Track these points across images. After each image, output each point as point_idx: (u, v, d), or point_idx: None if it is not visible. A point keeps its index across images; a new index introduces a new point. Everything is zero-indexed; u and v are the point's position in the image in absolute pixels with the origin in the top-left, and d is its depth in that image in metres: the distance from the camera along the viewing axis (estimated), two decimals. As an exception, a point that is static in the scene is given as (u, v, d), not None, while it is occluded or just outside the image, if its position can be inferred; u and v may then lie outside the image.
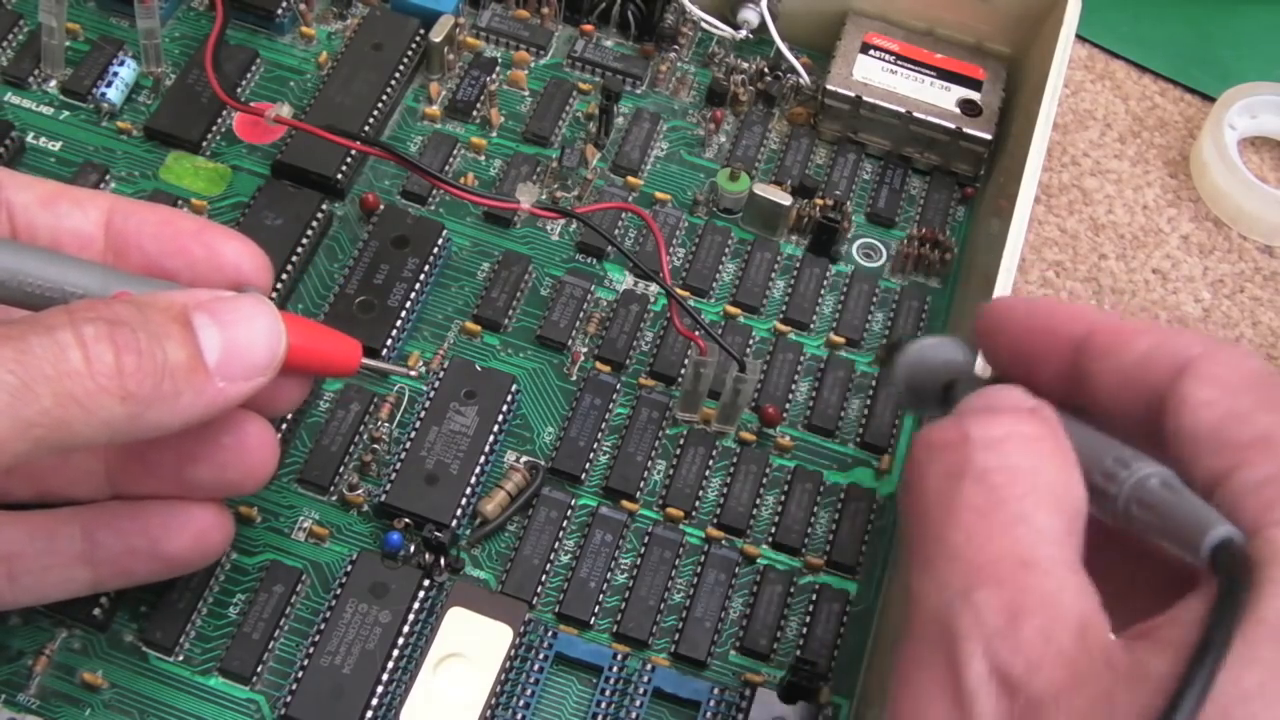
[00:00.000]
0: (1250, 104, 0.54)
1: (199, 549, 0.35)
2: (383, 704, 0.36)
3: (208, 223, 0.35)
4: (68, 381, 0.27)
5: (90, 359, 0.28)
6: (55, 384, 0.27)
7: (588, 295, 0.44)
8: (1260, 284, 0.51)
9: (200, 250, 0.34)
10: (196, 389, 0.30)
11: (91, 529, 0.34)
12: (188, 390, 0.30)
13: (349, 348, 0.35)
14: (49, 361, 0.27)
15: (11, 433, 0.27)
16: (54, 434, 0.27)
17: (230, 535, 0.35)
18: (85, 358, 0.28)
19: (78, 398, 0.28)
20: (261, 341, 0.31)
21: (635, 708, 0.36)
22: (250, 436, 0.34)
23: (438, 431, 0.39)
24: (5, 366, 0.27)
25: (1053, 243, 0.51)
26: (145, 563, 0.34)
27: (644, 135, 0.48)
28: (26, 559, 0.33)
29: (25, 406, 0.27)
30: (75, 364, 0.28)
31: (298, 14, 0.49)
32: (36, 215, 0.33)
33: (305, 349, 0.33)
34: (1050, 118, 0.44)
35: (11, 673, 0.36)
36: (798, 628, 0.38)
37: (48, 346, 0.27)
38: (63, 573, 0.34)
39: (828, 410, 0.42)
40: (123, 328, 0.29)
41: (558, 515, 0.39)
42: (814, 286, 0.45)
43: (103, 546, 0.34)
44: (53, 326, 0.28)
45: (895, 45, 0.49)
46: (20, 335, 0.27)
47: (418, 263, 0.43)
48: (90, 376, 0.28)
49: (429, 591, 0.37)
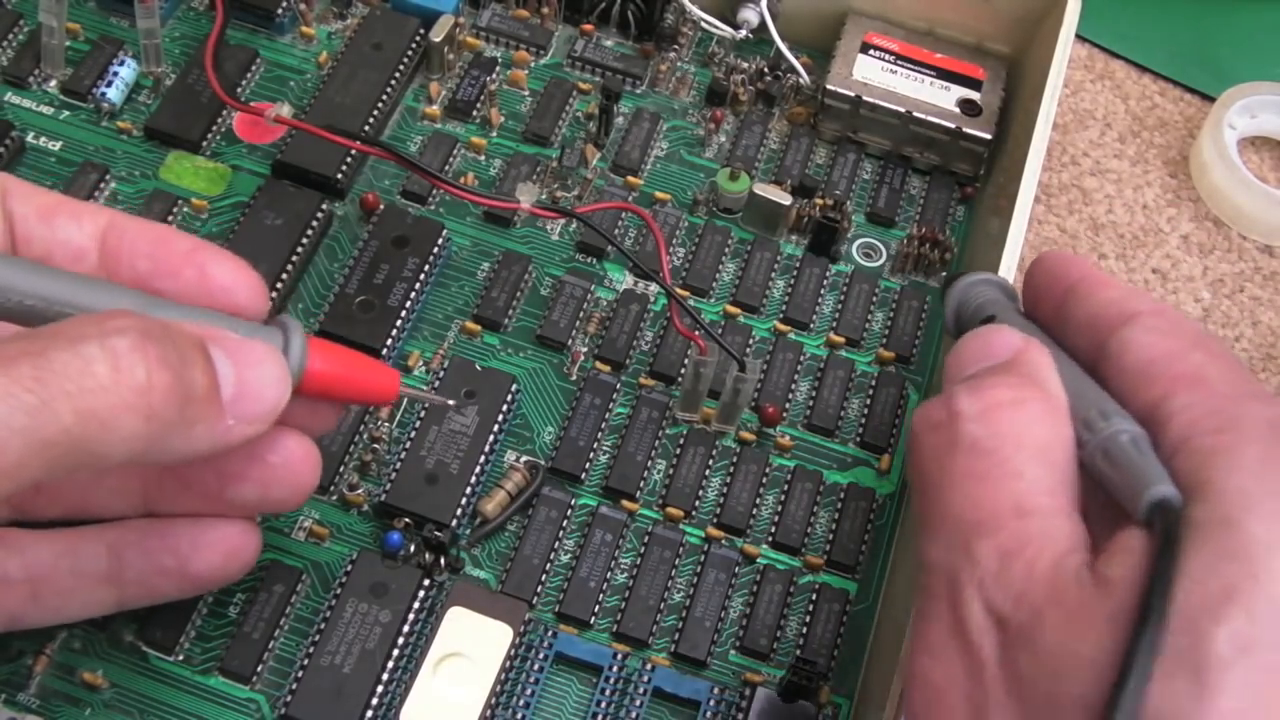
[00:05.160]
0: (1250, 104, 0.54)
1: (228, 567, 0.34)
2: (383, 704, 0.36)
3: (202, 244, 0.33)
4: (91, 398, 0.26)
5: (120, 371, 0.26)
6: (77, 400, 0.26)
7: (588, 295, 0.44)
8: (1260, 284, 0.51)
9: (192, 272, 0.32)
10: (211, 421, 0.29)
11: (118, 549, 0.33)
12: (204, 421, 0.29)
13: (387, 378, 0.34)
14: (71, 377, 0.26)
15: (27, 454, 0.25)
16: (71, 455, 0.26)
17: (259, 550, 0.35)
18: (114, 369, 0.26)
19: (100, 414, 0.26)
20: (270, 388, 0.30)
21: (635, 707, 0.36)
22: (295, 453, 0.33)
23: (438, 431, 0.39)
24: (23, 385, 0.25)
25: (1053, 242, 0.51)
26: (173, 582, 0.34)
27: (644, 135, 0.48)
28: (52, 580, 0.33)
29: (44, 427, 0.25)
30: (102, 378, 0.26)
31: (298, 14, 0.49)
32: (34, 228, 0.32)
33: (342, 378, 0.33)
34: (1050, 117, 0.44)
35: (11, 672, 0.36)
36: (798, 627, 0.38)
37: (71, 361, 0.26)
38: (88, 594, 0.33)
39: (828, 410, 0.42)
40: (158, 342, 0.27)
41: (558, 515, 0.39)
42: (814, 286, 0.45)
43: (130, 567, 0.33)
44: (78, 338, 0.26)
45: (895, 45, 0.49)
46: (40, 350, 0.26)
47: (418, 262, 0.43)
48: (117, 391, 0.26)
49: (429, 591, 0.37)
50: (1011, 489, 0.28)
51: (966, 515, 0.28)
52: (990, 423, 0.29)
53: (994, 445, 0.29)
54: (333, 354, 0.33)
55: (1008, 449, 0.29)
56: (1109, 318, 0.31)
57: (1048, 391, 0.30)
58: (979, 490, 0.29)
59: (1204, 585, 0.25)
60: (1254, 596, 0.24)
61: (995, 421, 0.29)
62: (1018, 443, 0.29)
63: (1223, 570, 0.25)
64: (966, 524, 0.28)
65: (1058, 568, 0.27)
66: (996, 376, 0.31)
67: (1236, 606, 0.24)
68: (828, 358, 0.43)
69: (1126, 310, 0.31)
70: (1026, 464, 0.29)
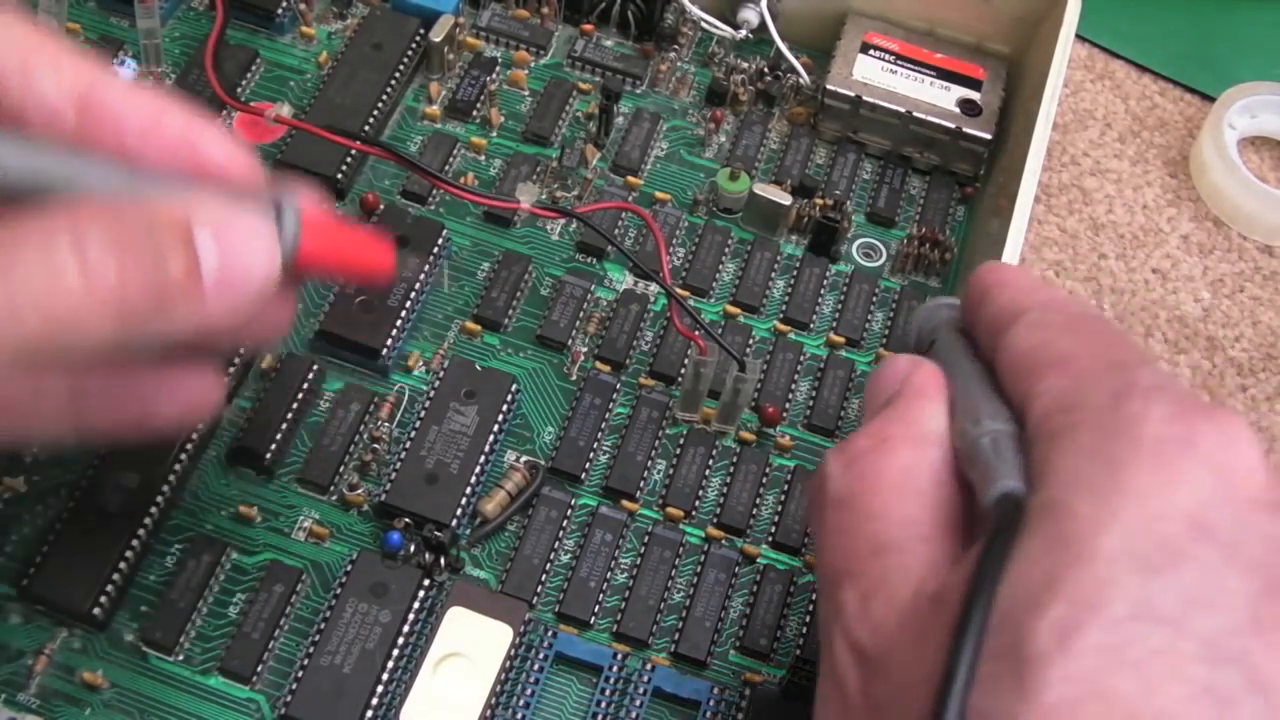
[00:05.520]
0: (1250, 104, 0.54)
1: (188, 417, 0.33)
2: (383, 704, 0.36)
3: (196, 121, 0.31)
4: (59, 301, 0.25)
5: (90, 274, 0.25)
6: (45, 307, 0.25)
7: (588, 295, 0.44)
8: (1260, 284, 0.51)
9: (186, 152, 0.30)
10: (191, 307, 0.28)
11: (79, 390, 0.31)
12: (181, 308, 0.27)
13: (382, 255, 0.33)
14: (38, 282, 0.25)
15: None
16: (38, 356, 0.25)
17: (220, 396, 0.34)
18: (84, 273, 0.25)
19: (68, 319, 0.25)
20: (257, 270, 0.29)
21: (635, 707, 0.36)
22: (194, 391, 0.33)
23: (438, 431, 0.39)
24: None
25: (1053, 242, 0.51)
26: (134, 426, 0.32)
27: (644, 135, 0.48)
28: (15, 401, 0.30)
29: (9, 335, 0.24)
30: (72, 282, 0.25)
31: (298, 14, 0.49)
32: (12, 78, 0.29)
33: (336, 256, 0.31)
34: (1050, 117, 0.44)
35: (11, 673, 0.36)
36: (797, 627, 0.38)
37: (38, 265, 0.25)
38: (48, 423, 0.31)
39: (828, 410, 0.42)
40: (129, 237, 0.26)
41: (558, 515, 0.39)
42: (814, 286, 0.45)
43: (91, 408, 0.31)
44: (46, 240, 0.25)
45: (895, 45, 0.49)
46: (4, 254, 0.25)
47: (418, 263, 0.43)
48: (87, 293, 0.25)
49: (429, 591, 0.37)
50: (868, 531, 0.28)
51: (834, 565, 0.29)
52: (851, 475, 0.29)
53: (851, 494, 0.29)
54: (328, 231, 0.31)
55: (865, 494, 0.29)
56: (1002, 319, 0.30)
57: (911, 420, 0.30)
58: (841, 541, 0.29)
59: (1027, 576, 0.24)
60: (1076, 580, 0.23)
61: (856, 473, 0.29)
62: (875, 485, 0.29)
63: (1045, 558, 0.24)
64: (834, 574, 0.28)
65: (916, 595, 0.26)
66: (865, 425, 0.31)
67: (1057, 594, 0.23)
68: (828, 358, 0.44)
69: (1016, 309, 0.30)
70: (883, 503, 0.28)
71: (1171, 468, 0.25)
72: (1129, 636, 0.23)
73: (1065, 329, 0.29)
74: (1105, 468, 0.25)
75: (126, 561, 0.36)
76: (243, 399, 0.41)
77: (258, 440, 0.39)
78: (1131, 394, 0.26)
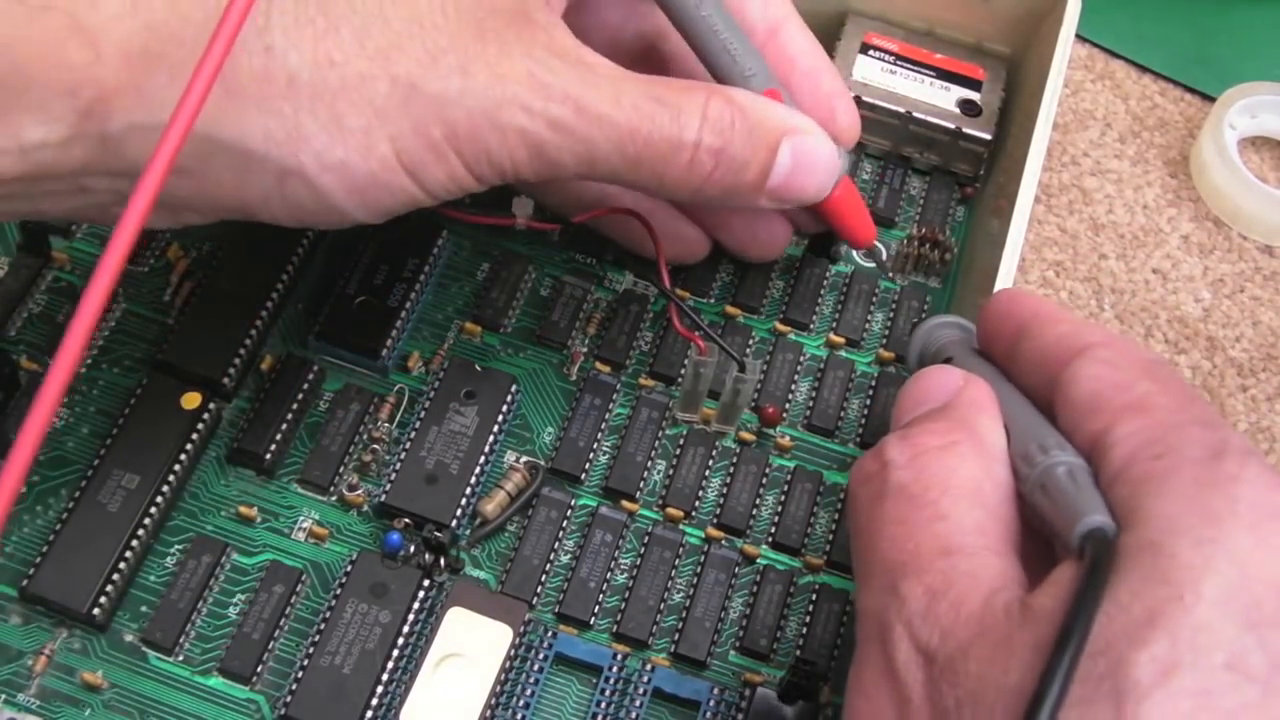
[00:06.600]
0: (1250, 104, 0.54)
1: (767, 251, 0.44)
2: (383, 704, 0.36)
3: (842, 92, 0.40)
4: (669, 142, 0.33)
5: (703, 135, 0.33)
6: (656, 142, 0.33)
7: (587, 295, 0.44)
8: (1260, 284, 0.51)
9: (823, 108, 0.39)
10: (748, 196, 0.36)
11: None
12: (743, 195, 0.36)
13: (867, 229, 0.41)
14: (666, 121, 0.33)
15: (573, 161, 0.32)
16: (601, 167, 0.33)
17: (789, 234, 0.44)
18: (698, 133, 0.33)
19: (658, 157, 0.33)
20: (811, 189, 0.37)
21: (635, 708, 0.36)
22: None
23: (438, 431, 0.40)
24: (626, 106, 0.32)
25: (1053, 242, 0.51)
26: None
27: (644, 135, 0.48)
28: None
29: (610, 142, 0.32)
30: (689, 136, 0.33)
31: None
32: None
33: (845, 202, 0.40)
34: (1050, 118, 0.44)
35: (11, 673, 0.36)
36: (798, 628, 0.38)
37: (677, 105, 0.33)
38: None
39: (828, 410, 0.42)
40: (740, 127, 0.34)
41: (558, 515, 0.39)
42: (814, 286, 0.45)
43: None
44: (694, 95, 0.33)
45: (895, 45, 0.49)
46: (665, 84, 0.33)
47: (417, 263, 0.43)
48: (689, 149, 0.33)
49: (429, 591, 0.37)
50: (937, 530, 0.28)
51: (894, 558, 0.29)
52: (917, 468, 0.30)
53: (919, 489, 0.29)
54: (850, 188, 0.40)
55: (934, 492, 0.29)
56: (1060, 352, 0.31)
57: (978, 432, 0.30)
58: (905, 533, 0.29)
59: (1128, 610, 0.25)
60: (1178, 620, 0.24)
61: (922, 466, 0.30)
62: (944, 485, 0.29)
63: (1147, 595, 0.25)
64: (894, 566, 0.28)
65: (986, 604, 0.27)
66: (927, 422, 0.31)
67: (1159, 630, 0.24)
68: (828, 358, 0.43)
69: (1077, 344, 0.31)
70: (953, 505, 0.29)
71: (1266, 533, 0.25)
72: (1224, 686, 0.24)
73: (1143, 373, 0.29)
74: (1203, 519, 0.25)
75: (126, 562, 0.36)
76: (242, 399, 0.41)
77: (257, 440, 0.39)
78: (1228, 453, 0.27)
